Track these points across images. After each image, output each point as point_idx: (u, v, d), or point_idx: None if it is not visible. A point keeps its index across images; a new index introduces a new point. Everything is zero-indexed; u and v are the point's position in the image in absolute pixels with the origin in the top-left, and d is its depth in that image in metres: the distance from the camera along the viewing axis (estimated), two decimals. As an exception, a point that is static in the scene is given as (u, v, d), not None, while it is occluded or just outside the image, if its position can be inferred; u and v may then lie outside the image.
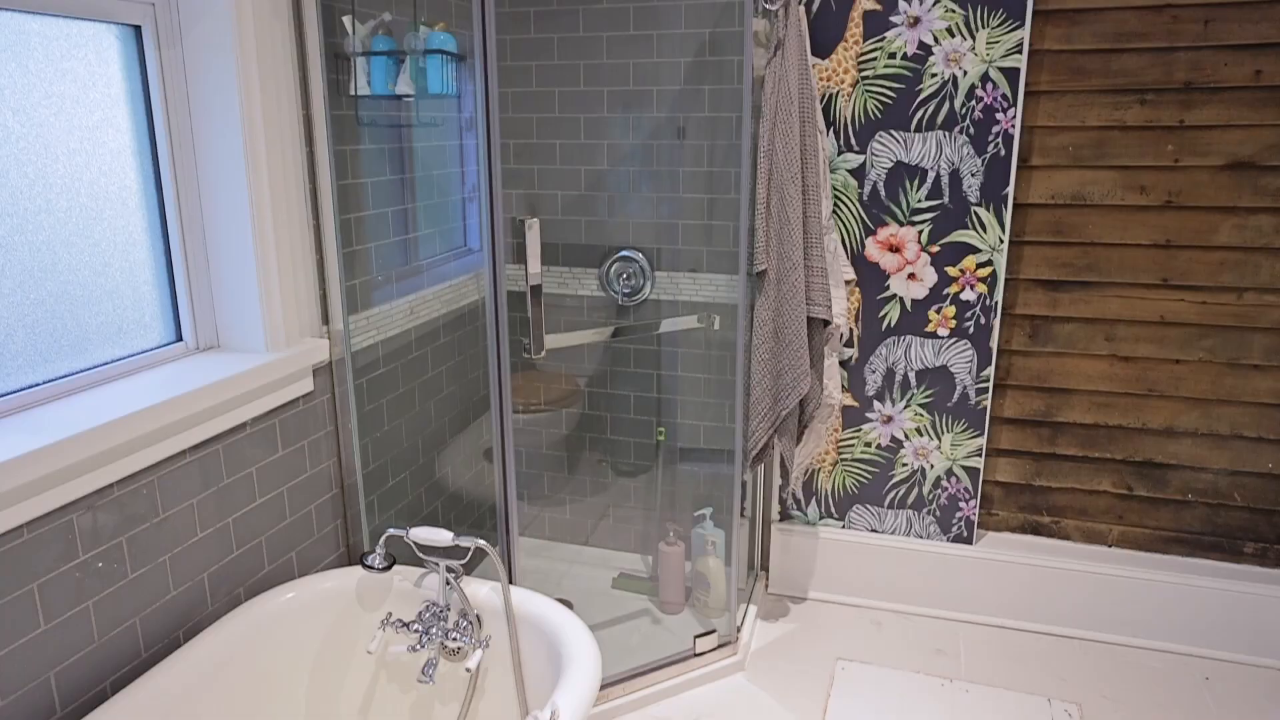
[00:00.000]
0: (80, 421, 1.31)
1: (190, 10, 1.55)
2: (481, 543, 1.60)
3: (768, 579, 2.60)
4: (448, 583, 1.66)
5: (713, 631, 2.20)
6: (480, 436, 2.53)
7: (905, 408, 2.39)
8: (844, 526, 2.52)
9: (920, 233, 2.27)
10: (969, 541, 2.43)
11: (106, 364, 1.52)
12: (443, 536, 1.63)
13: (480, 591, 1.68)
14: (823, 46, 2.21)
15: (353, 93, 1.85)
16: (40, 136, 1.37)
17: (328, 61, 1.77)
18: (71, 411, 1.35)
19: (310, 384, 1.80)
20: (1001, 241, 2.22)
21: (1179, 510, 2.33)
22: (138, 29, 1.53)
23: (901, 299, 2.32)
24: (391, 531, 1.69)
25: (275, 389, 1.70)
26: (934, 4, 2.12)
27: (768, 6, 2.05)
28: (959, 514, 2.42)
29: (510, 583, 1.77)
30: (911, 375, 2.37)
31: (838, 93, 2.23)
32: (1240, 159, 2.09)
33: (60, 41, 1.39)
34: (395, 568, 1.73)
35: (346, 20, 1.80)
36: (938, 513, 2.44)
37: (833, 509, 2.52)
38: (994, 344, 2.28)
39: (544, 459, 2.69)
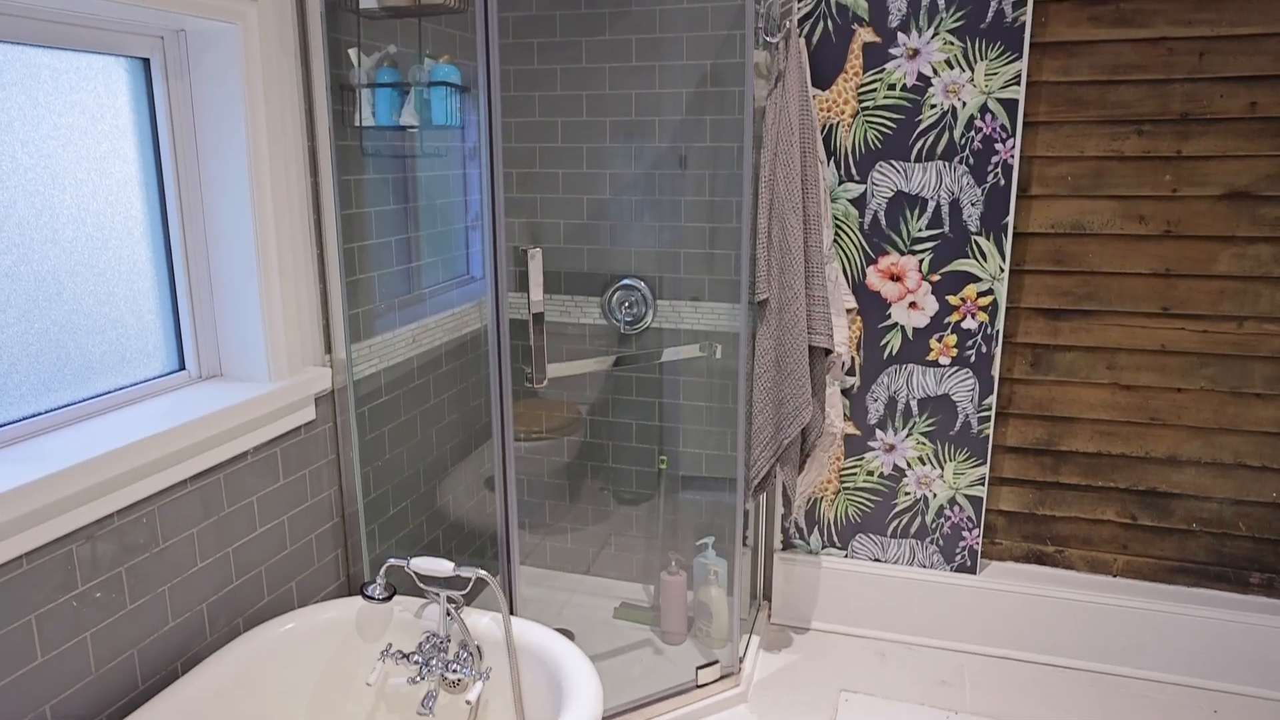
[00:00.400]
0: (81, 451, 1.30)
1: (198, 43, 1.57)
2: (483, 573, 1.59)
3: (770, 609, 2.58)
4: (448, 613, 1.65)
5: (715, 663, 2.18)
6: (481, 465, 2.53)
7: (907, 436, 2.39)
8: (847, 556, 2.51)
9: (921, 262, 2.28)
10: (973, 571, 2.42)
11: (109, 393, 1.52)
12: (444, 567, 1.62)
13: (481, 622, 1.66)
14: (823, 78, 2.24)
15: (357, 124, 1.86)
16: (48, 168, 1.38)
17: (333, 93, 1.79)
18: (73, 441, 1.35)
19: (312, 413, 1.80)
20: (1002, 270, 2.23)
21: (1184, 540, 2.32)
22: (146, 61, 1.55)
23: (903, 327, 2.33)
24: (392, 561, 1.68)
25: (277, 418, 1.70)
26: (933, 36, 2.14)
27: (768, 39, 2.08)
28: (962, 543, 2.41)
29: (511, 613, 1.76)
30: (913, 403, 2.36)
31: (838, 123, 2.25)
32: (1237, 189, 2.10)
33: (70, 74, 1.41)
34: (396, 598, 1.72)
35: (352, 53, 1.82)
36: (941, 542, 2.43)
37: (835, 538, 2.51)
38: (995, 372, 2.29)
39: (545, 487, 2.68)
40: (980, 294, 2.25)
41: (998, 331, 2.26)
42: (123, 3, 1.32)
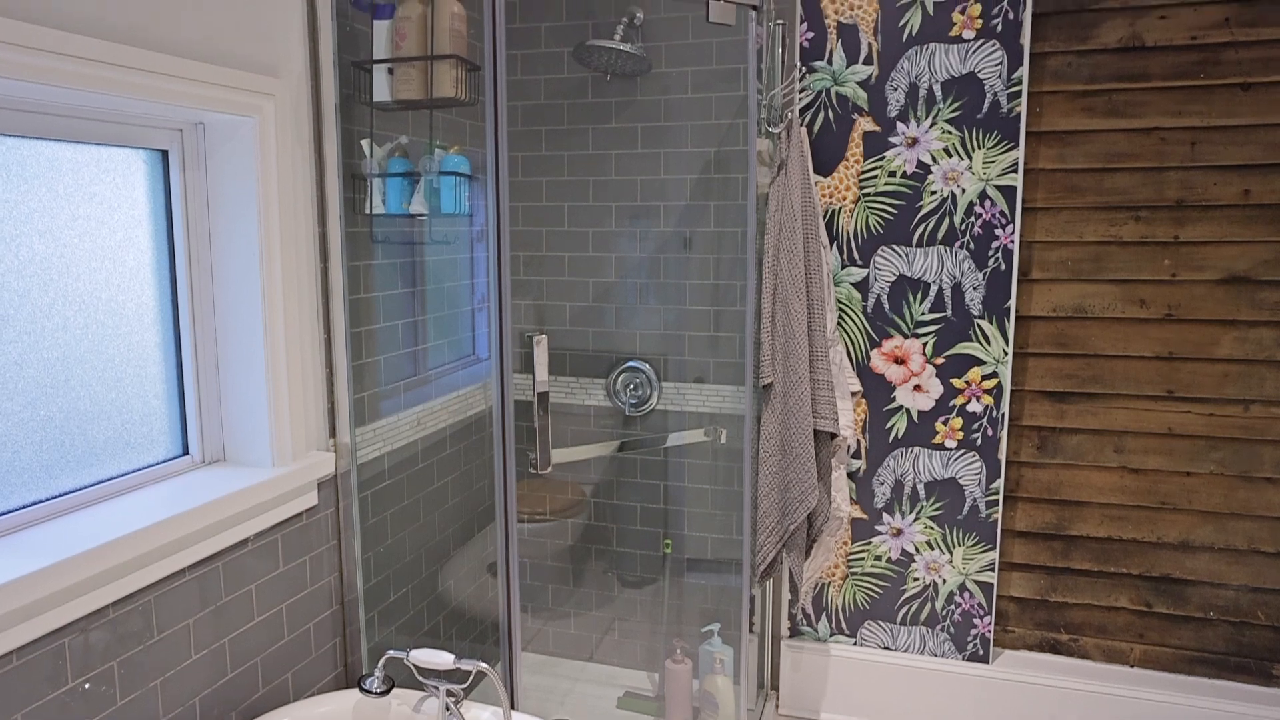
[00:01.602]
0: (80, 541, 1.29)
1: (216, 135, 1.61)
2: (484, 666, 1.55)
3: (778, 698, 2.50)
4: (447, 708, 1.60)
5: (722, 757, 2.10)
6: (484, 549, 2.49)
7: (915, 520, 2.36)
8: (855, 643, 2.45)
9: (925, 345, 2.29)
10: (985, 660, 2.35)
11: (112, 479, 1.51)
12: (444, 659, 1.58)
13: (481, 717, 1.61)
14: (825, 165, 2.29)
15: (368, 211, 1.90)
16: (64, 257, 1.40)
17: (345, 182, 1.83)
18: (73, 529, 1.33)
19: (315, 498, 1.78)
20: (1005, 353, 2.23)
21: (1200, 628, 2.26)
22: (164, 153, 1.59)
23: (908, 410, 2.32)
24: (391, 654, 1.64)
25: (279, 504, 1.68)
26: (931, 126, 2.20)
27: (771, 129, 2.13)
28: (974, 631, 2.35)
29: (512, 706, 1.71)
30: (920, 487, 2.34)
31: (840, 209, 2.29)
32: (1236, 273, 2.12)
33: (89, 167, 1.44)
34: (394, 691, 1.67)
35: (365, 143, 1.87)
36: (952, 629, 2.37)
37: (844, 625, 2.45)
38: (1002, 456, 2.27)
39: (548, 570, 2.63)
40: (984, 377, 2.25)
41: (1003, 414, 2.25)
42: (148, 100, 1.36)
